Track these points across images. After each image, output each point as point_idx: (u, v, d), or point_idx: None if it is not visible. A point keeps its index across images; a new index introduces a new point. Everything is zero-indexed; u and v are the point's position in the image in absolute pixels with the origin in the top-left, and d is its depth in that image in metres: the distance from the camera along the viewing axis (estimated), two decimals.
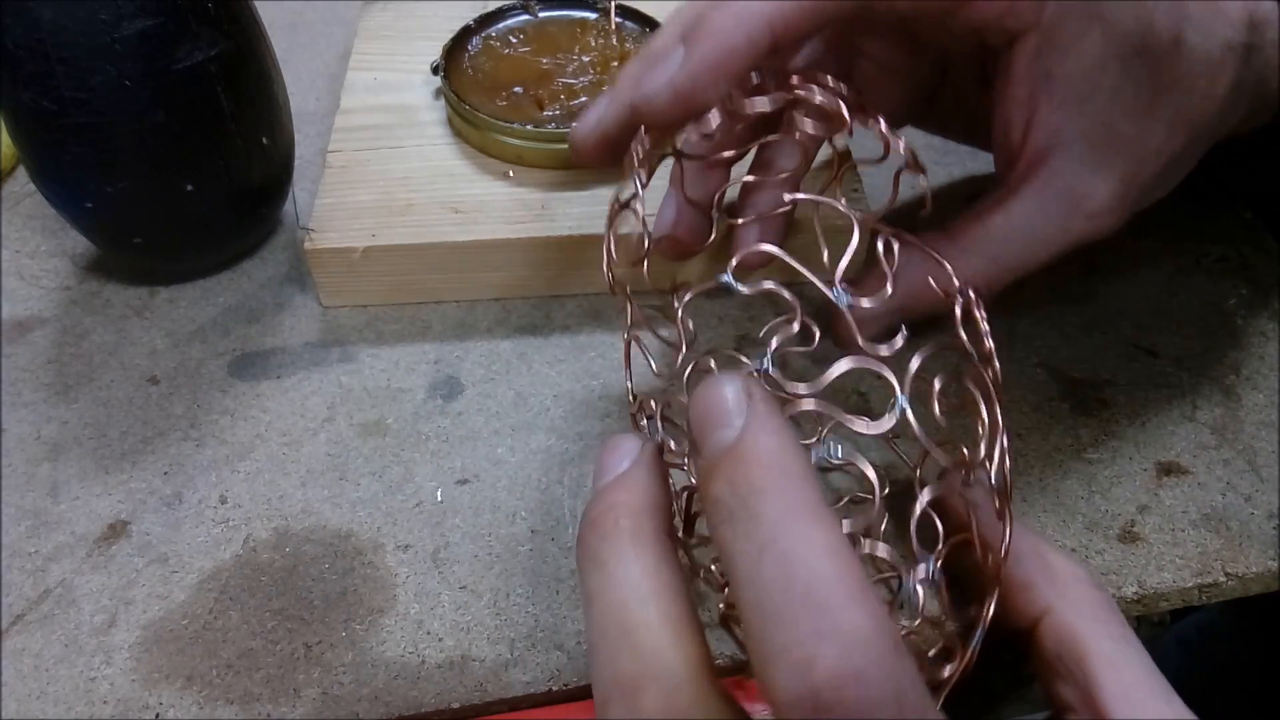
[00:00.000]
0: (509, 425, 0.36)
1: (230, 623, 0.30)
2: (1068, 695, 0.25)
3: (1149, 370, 0.38)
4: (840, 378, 0.23)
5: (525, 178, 0.41)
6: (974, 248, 0.32)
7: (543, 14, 0.46)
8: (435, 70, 0.43)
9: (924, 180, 0.28)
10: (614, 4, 0.46)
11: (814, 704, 0.17)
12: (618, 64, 0.44)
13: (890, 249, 0.28)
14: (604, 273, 0.28)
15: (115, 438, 0.35)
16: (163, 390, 0.37)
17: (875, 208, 0.39)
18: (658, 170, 0.32)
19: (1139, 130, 0.30)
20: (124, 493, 0.34)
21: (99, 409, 0.36)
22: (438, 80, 0.43)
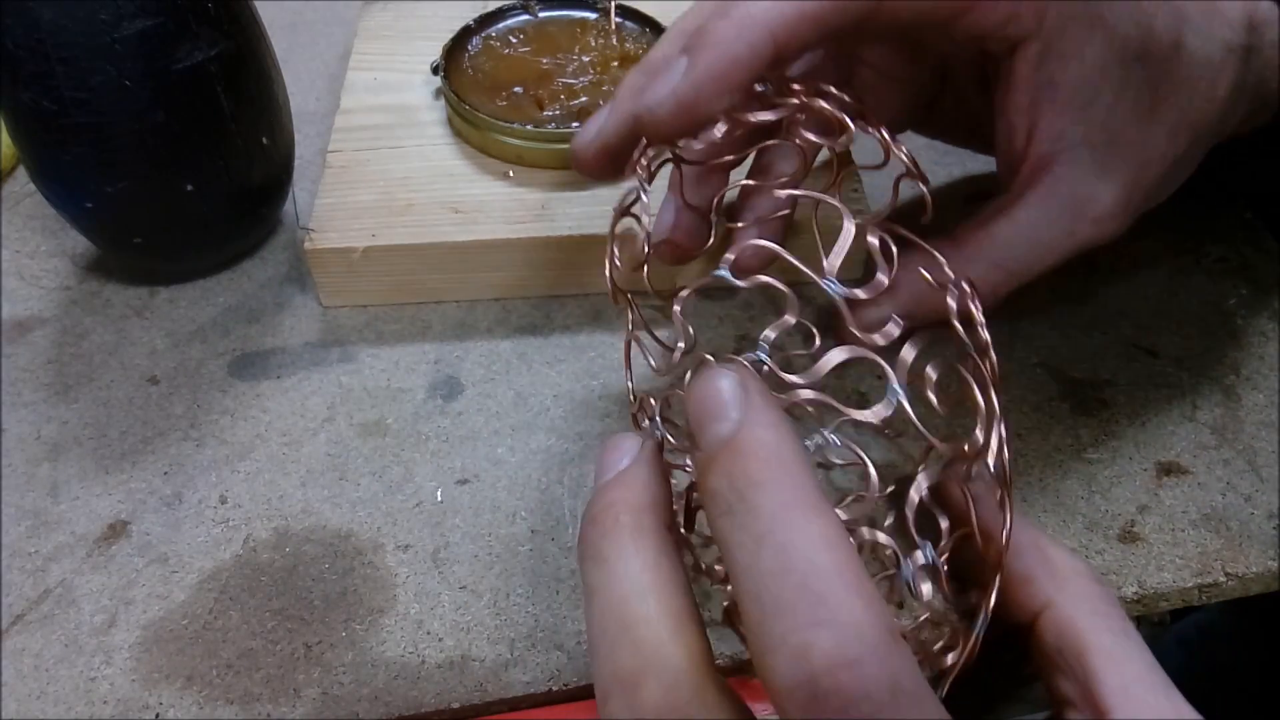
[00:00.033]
0: (509, 425, 0.36)
1: (230, 623, 0.30)
2: (1067, 690, 0.25)
3: (1149, 370, 0.38)
4: (840, 378, 0.23)
5: (525, 178, 0.41)
6: (979, 254, 0.32)
7: (543, 14, 0.46)
8: (435, 70, 0.43)
9: (924, 186, 0.28)
10: (614, 4, 0.46)
11: (811, 692, 0.18)
12: (618, 64, 0.44)
13: (886, 245, 0.28)
14: (606, 279, 0.28)
15: (115, 438, 0.35)
16: (163, 390, 0.37)
17: (875, 210, 0.39)
18: (658, 174, 0.32)
19: (1142, 134, 0.30)
20: (124, 493, 0.34)
21: (99, 409, 0.36)
22: (438, 80, 0.43)
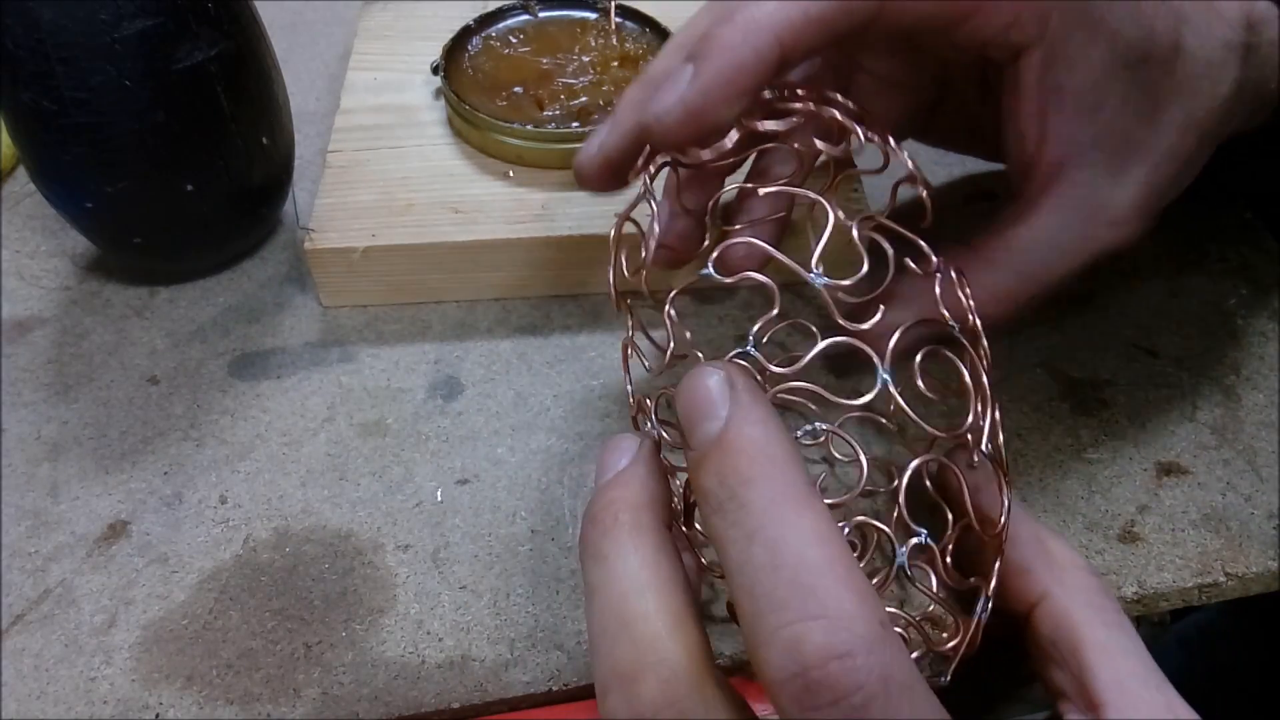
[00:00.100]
0: (509, 425, 0.36)
1: (230, 623, 0.30)
2: (1061, 681, 0.25)
3: (1149, 370, 0.38)
4: (840, 377, 0.23)
5: (525, 178, 0.41)
6: (998, 260, 0.31)
7: (543, 14, 0.46)
8: (435, 70, 0.43)
9: (924, 191, 0.28)
10: (614, 4, 0.46)
11: (804, 683, 0.18)
12: (618, 64, 0.44)
13: (879, 244, 0.28)
14: (610, 284, 0.29)
15: (115, 438, 0.35)
16: (163, 390, 0.37)
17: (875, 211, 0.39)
18: (656, 177, 0.32)
19: (1152, 135, 0.30)
20: (124, 493, 0.34)
21: (99, 409, 0.36)
22: (438, 80, 0.43)
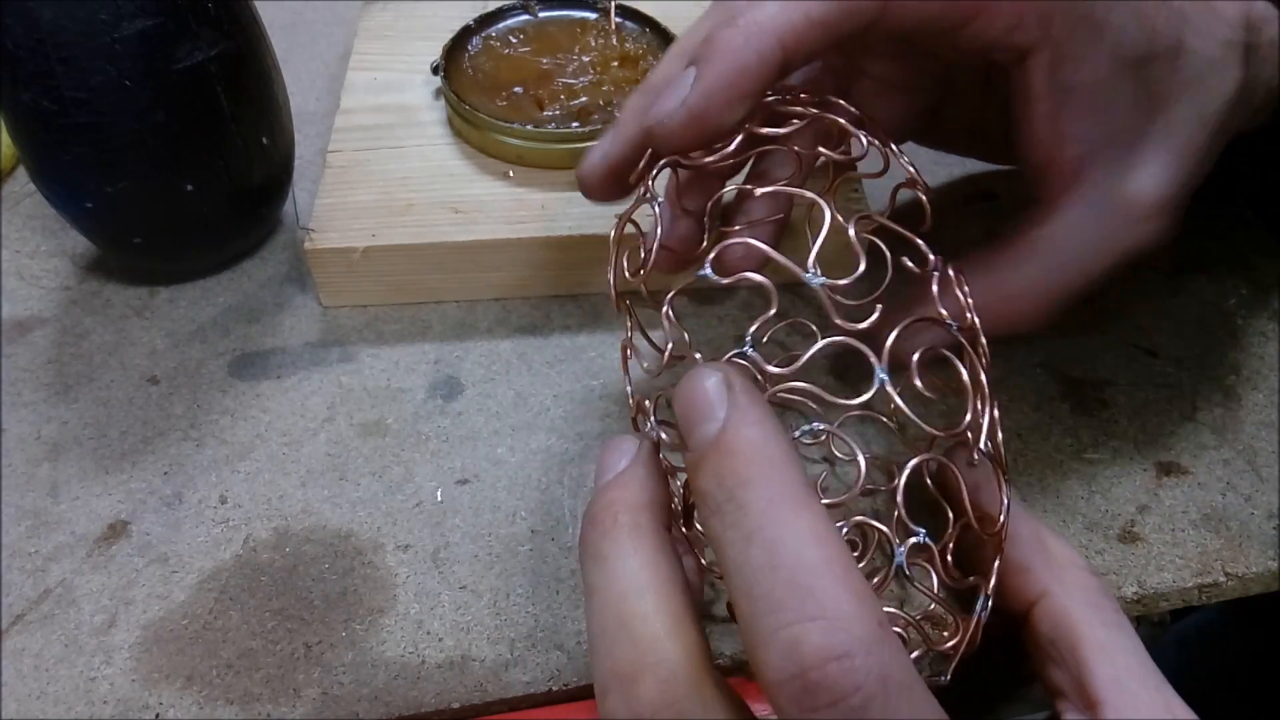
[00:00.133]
0: (509, 425, 0.36)
1: (230, 623, 0.30)
2: (1059, 679, 0.25)
3: (1149, 370, 0.38)
4: (840, 377, 0.23)
5: (525, 178, 0.41)
6: (1028, 257, 0.31)
7: (543, 14, 0.46)
8: (435, 70, 0.43)
9: (924, 196, 0.28)
10: (614, 4, 0.46)
11: (802, 685, 0.18)
12: (618, 64, 0.44)
13: (877, 246, 0.28)
14: (610, 285, 0.29)
15: (115, 438, 0.35)
16: (163, 390, 0.37)
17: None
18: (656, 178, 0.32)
19: (1166, 130, 0.29)
20: (124, 493, 0.34)
21: (99, 409, 0.36)
22: (438, 80, 0.43)
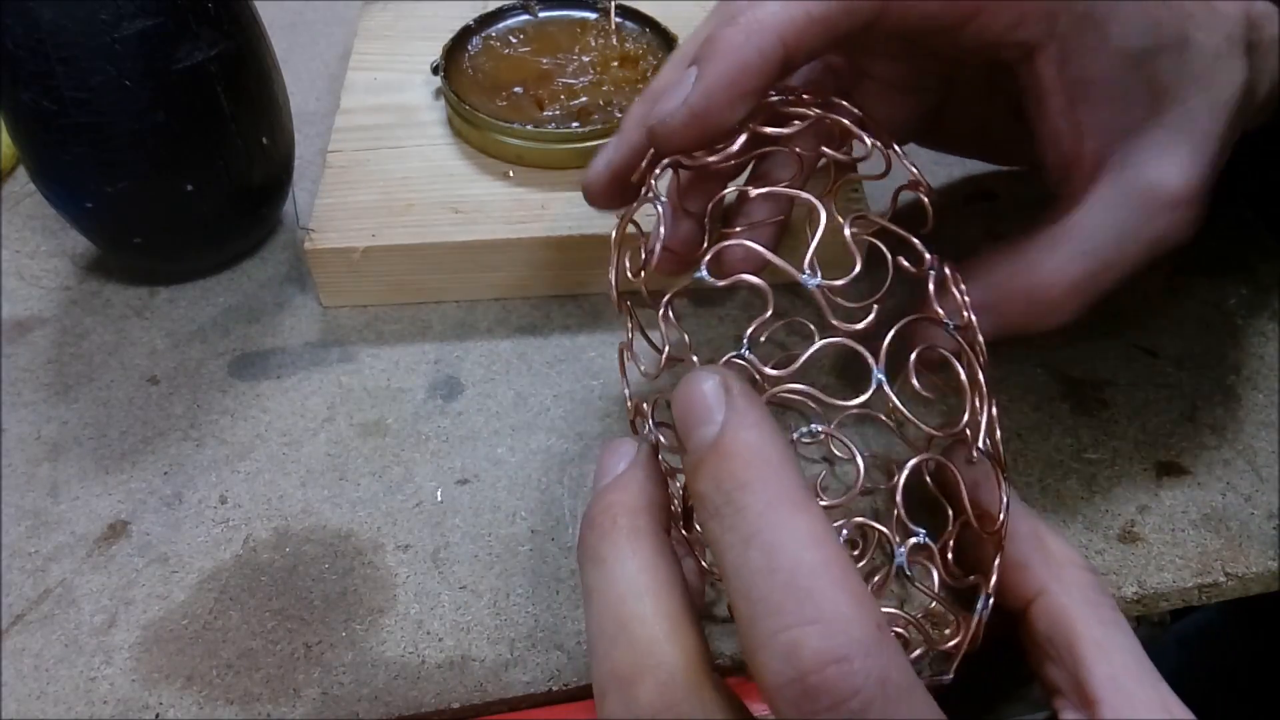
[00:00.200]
0: (509, 425, 0.36)
1: (230, 623, 0.30)
2: (1056, 677, 0.25)
3: (1149, 370, 0.38)
4: (840, 377, 0.23)
5: (525, 178, 0.41)
6: (1059, 243, 0.30)
7: (543, 14, 0.46)
8: (435, 70, 0.43)
9: (926, 198, 0.28)
10: (614, 4, 0.46)
11: (801, 689, 0.18)
12: (618, 64, 0.44)
13: (876, 247, 0.28)
14: (611, 287, 0.29)
15: (115, 438, 0.35)
16: (163, 390, 0.37)
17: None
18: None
19: (1184, 120, 0.29)
20: (124, 493, 0.34)
21: (99, 409, 0.36)
22: (438, 80, 0.43)
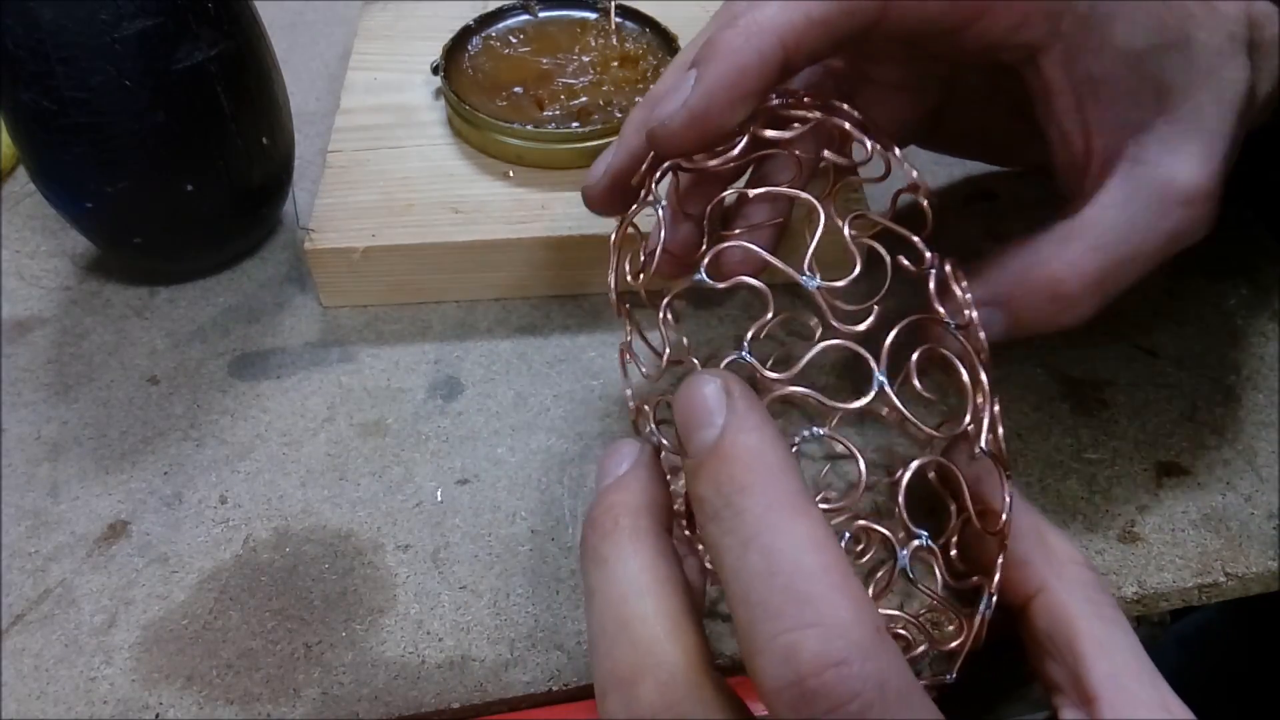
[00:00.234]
0: (509, 425, 0.36)
1: (230, 623, 0.30)
2: (1056, 674, 0.25)
3: (1149, 370, 0.38)
4: (840, 377, 0.23)
5: (525, 178, 0.41)
6: (1075, 237, 0.29)
7: (543, 14, 0.46)
8: (435, 70, 0.43)
9: (925, 201, 0.28)
10: (614, 4, 0.46)
11: (800, 692, 0.18)
12: (618, 64, 0.44)
13: (875, 248, 0.28)
14: (611, 289, 0.29)
15: (115, 438, 0.35)
16: (163, 390, 0.37)
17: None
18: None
19: (1193, 115, 0.29)
20: (124, 493, 0.34)
21: (99, 409, 0.36)
22: (438, 80, 0.43)
